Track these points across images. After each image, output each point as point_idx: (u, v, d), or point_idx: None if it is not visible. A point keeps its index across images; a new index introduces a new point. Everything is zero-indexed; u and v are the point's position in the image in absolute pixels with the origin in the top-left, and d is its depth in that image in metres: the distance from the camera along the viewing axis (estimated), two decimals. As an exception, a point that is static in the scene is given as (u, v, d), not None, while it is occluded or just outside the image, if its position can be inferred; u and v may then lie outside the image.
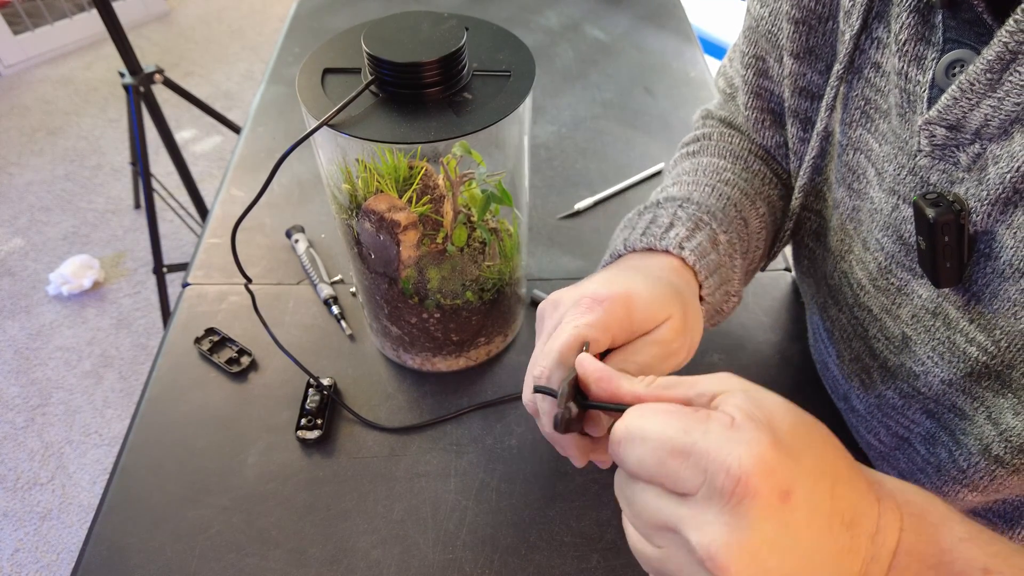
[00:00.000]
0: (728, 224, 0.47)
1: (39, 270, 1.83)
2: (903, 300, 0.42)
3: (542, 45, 1.02)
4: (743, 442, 0.23)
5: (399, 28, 0.43)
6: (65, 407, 1.54)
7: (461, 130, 0.41)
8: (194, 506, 0.52)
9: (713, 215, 0.46)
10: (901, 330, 0.43)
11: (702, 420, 0.24)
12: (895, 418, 0.47)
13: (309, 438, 0.55)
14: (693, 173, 0.51)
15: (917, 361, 0.42)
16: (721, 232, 0.45)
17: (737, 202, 0.49)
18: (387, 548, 0.50)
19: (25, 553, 1.32)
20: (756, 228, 0.50)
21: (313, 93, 0.43)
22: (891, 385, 0.46)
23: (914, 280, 0.41)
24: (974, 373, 0.38)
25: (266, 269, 0.70)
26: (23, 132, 2.24)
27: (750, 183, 0.51)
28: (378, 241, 0.49)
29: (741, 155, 0.54)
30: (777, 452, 0.23)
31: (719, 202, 0.48)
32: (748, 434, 0.23)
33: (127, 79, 1.35)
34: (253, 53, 2.59)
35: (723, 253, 0.45)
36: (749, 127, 0.54)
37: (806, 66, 0.45)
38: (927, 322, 0.40)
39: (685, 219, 0.45)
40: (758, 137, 0.54)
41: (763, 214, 0.51)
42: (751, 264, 0.52)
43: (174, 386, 0.60)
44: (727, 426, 0.24)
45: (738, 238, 0.47)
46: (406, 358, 0.60)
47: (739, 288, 0.48)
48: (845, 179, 0.45)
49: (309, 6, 1.10)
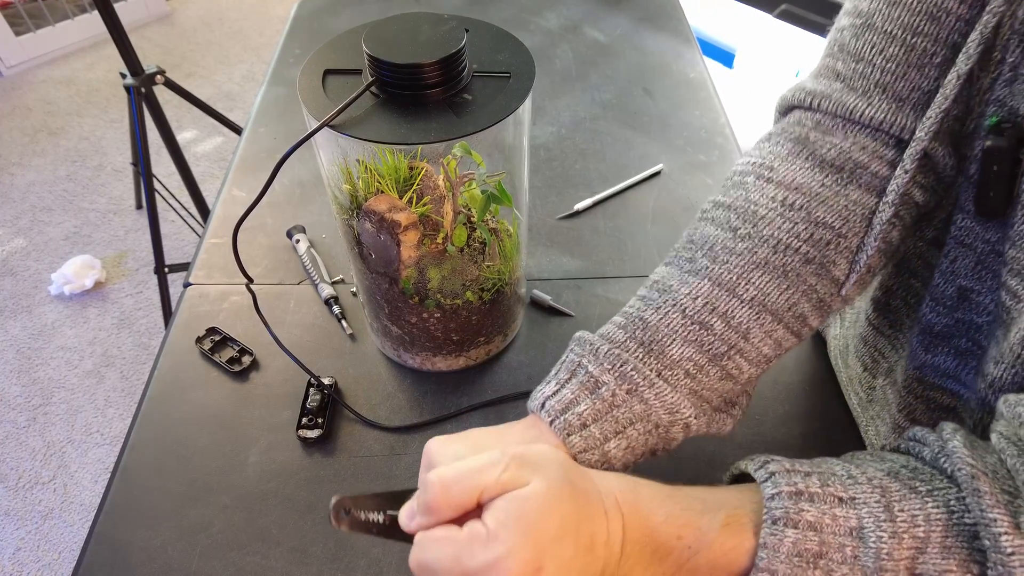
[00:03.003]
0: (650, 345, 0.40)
1: (41, 270, 1.83)
2: (962, 252, 0.41)
3: (542, 46, 1.02)
4: (496, 560, 0.29)
5: (399, 29, 0.43)
6: (67, 406, 1.55)
7: (461, 131, 0.41)
8: (195, 505, 0.52)
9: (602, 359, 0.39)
10: (956, 285, 0.42)
11: (465, 547, 0.31)
12: (945, 385, 0.46)
13: (310, 437, 0.56)
14: (650, 282, 0.43)
15: (981, 311, 0.41)
16: (608, 370, 0.39)
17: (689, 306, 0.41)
18: (387, 546, 0.50)
19: (27, 552, 1.32)
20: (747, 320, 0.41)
21: (314, 94, 0.43)
22: (942, 348, 0.45)
23: (978, 225, 0.39)
24: (998, 319, 0.38)
25: (267, 269, 0.70)
26: (25, 133, 2.24)
27: (745, 257, 0.41)
28: (379, 241, 0.49)
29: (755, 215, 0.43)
30: (523, 549, 0.30)
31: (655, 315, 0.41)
32: (499, 548, 0.30)
33: (128, 80, 1.35)
34: (254, 54, 2.59)
35: (607, 399, 0.39)
36: (909, 61, 0.41)
37: None
38: (995, 266, 0.39)
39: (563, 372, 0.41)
40: (917, 77, 0.41)
41: (756, 299, 0.41)
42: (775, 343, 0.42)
43: (175, 385, 0.60)
44: (483, 546, 0.30)
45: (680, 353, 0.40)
46: (406, 358, 0.60)
47: (677, 413, 0.39)
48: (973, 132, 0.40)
49: (310, 7, 1.10)
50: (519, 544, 0.30)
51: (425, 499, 0.33)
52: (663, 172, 0.81)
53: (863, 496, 0.32)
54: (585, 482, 0.34)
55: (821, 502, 0.32)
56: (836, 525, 0.31)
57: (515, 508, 0.31)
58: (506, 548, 0.30)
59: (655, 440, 0.40)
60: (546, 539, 0.30)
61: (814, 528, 0.31)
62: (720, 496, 0.35)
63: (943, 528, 0.30)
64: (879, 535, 0.30)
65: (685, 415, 0.39)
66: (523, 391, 0.59)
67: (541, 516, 0.31)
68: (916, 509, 0.31)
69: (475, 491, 0.32)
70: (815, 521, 0.31)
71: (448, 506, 0.32)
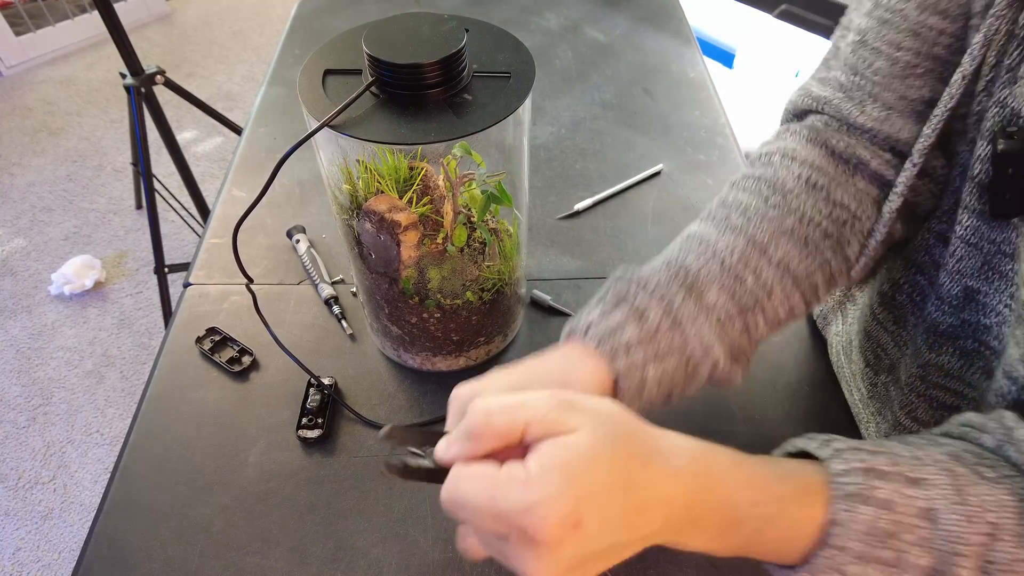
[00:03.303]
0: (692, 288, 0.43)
1: (41, 270, 1.83)
2: (968, 252, 0.41)
3: (542, 46, 1.02)
4: (533, 505, 0.28)
5: (400, 29, 0.43)
6: (67, 406, 1.55)
7: (461, 131, 0.41)
8: (195, 505, 0.52)
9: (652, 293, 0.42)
10: (962, 285, 0.42)
11: (502, 486, 0.29)
12: (948, 384, 0.46)
13: (310, 437, 0.56)
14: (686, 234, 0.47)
15: (989, 312, 0.41)
16: (656, 299, 0.42)
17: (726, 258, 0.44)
18: (387, 546, 0.50)
19: (27, 552, 1.32)
20: (766, 277, 0.44)
21: (314, 94, 0.43)
22: (948, 347, 0.45)
23: (985, 225, 0.39)
24: (1020, 318, 0.38)
25: (267, 269, 0.70)
26: (25, 133, 2.24)
27: (775, 224, 0.45)
28: (379, 241, 0.49)
29: (782, 188, 0.46)
30: (563, 499, 0.28)
31: (697, 261, 0.44)
32: (537, 492, 0.28)
33: (128, 80, 1.36)
34: (254, 54, 2.60)
35: (652, 328, 0.41)
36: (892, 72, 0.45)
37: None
38: (1004, 267, 0.39)
39: (610, 298, 0.43)
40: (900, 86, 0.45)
41: (778, 261, 0.44)
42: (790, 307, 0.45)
43: (175, 385, 0.60)
44: (521, 488, 0.28)
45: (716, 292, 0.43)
46: (406, 358, 0.60)
47: (709, 349, 0.42)
48: (968, 131, 0.41)
49: (310, 8, 1.10)
50: (559, 492, 0.28)
51: (466, 425, 0.31)
52: (663, 172, 0.81)
53: (932, 478, 0.31)
54: (645, 441, 0.31)
55: (892, 480, 0.31)
56: (908, 504, 0.31)
57: (561, 454, 0.29)
58: (545, 494, 0.28)
59: (682, 377, 0.42)
60: (590, 493, 0.28)
61: (887, 506, 0.31)
62: (789, 466, 0.34)
63: (1015, 515, 0.30)
64: (952, 517, 0.30)
65: (716, 354, 0.42)
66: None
67: (588, 468, 0.29)
68: (986, 494, 0.31)
69: (519, 424, 0.30)
70: (888, 499, 0.31)
71: (490, 434, 0.30)
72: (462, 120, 0.41)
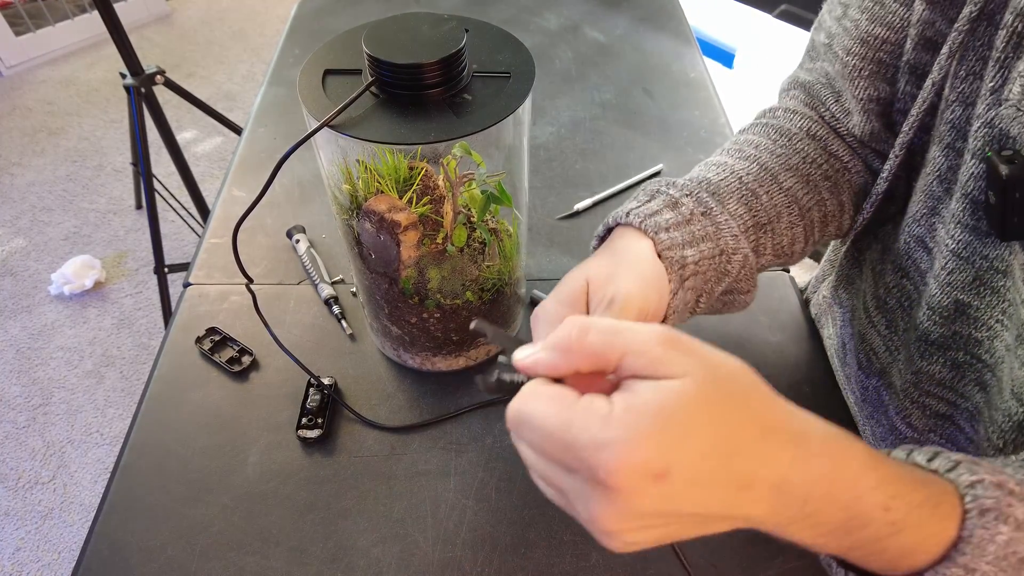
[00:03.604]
0: (715, 191, 0.46)
1: (41, 270, 1.83)
2: (959, 265, 0.41)
3: (542, 46, 1.02)
4: (611, 443, 0.24)
5: (399, 29, 0.43)
6: (67, 406, 1.55)
7: (461, 131, 0.41)
8: (195, 505, 0.52)
9: (686, 187, 0.46)
10: (953, 297, 0.42)
11: (580, 414, 0.25)
12: (938, 393, 0.46)
13: (310, 437, 0.56)
14: (704, 162, 0.52)
15: (980, 326, 0.41)
16: (686, 195, 0.45)
17: (744, 176, 0.47)
18: (387, 546, 0.50)
19: (26, 552, 1.32)
20: (777, 200, 0.48)
21: (314, 94, 0.43)
22: (939, 357, 0.45)
23: (977, 240, 0.39)
24: (1019, 338, 0.37)
25: (267, 269, 0.70)
26: (25, 133, 2.24)
27: (781, 158, 0.50)
28: (378, 241, 0.49)
29: (787, 133, 0.52)
30: (648, 443, 0.24)
31: (718, 176, 0.48)
32: (617, 432, 0.24)
33: (128, 80, 1.36)
34: (254, 54, 2.60)
35: (687, 214, 0.44)
36: (844, 73, 0.50)
37: (938, 13, 0.42)
38: (996, 283, 0.39)
39: (643, 195, 0.45)
40: (850, 87, 0.50)
41: (787, 188, 0.48)
42: (792, 236, 0.49)
43: (175, 385, 0.60)
44: (601, 422, 0.25)
45: (736, 200, 0.46)
46: (406, 358, 0.60)
47: (738, 246, 0.45)
48: (943, 138, 0.43)
49: (310, 7, 1.10)
50: (645, 436, 0.24)
51: (557, 336, 0.28)
52: (663, 172, 0.81)
53: None
54: (770, 409, 0.27)
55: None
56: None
57: (655, 399, 0.25)
58: (628, 435, 0.24)
59: (714, 270, 0.44)
60: (684, 446, 0.24)
61: (1022, 528, 0.27)
62: (922, 472, 0.30)
63: None
64: None
65: (745, 248, 0.45)
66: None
67: (687, 419, 0.25)
68: None
69: (616, 350, 0.26)
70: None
71: (580, 351, 0.27)
72: (462, 120, 0.41)
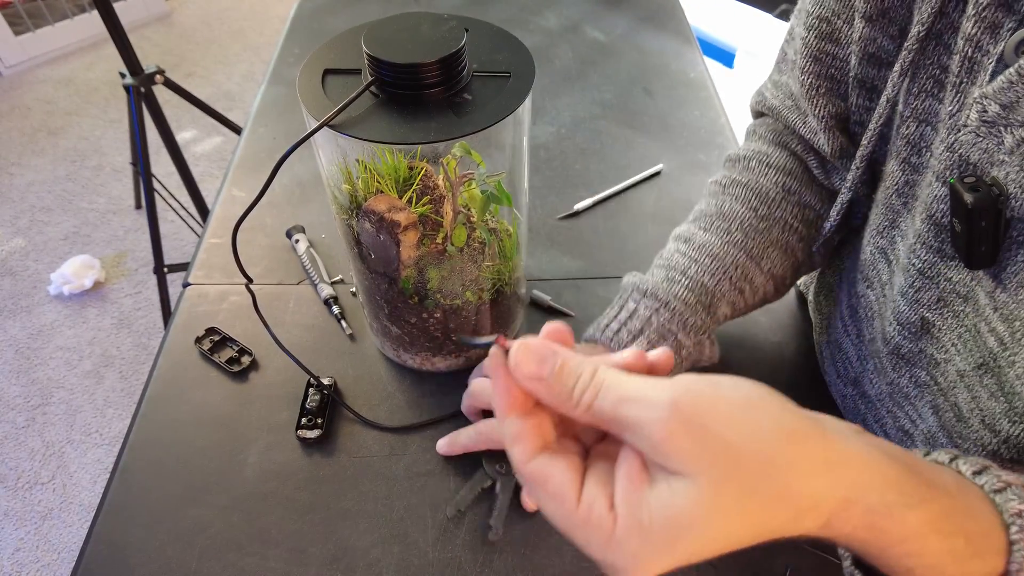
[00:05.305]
0: (710, 307, 0.51)
1: (40, 270, 1.83)
2: (925, 283, 0.41)
3: (542, 46, 1.02)
4: (619, 568, 0.24)
5: (399, 29, 0.43)
6: (66, 407, 1.55)
7: (461, 131, 0.41)
8: (194, 505, 0.52)
9: (683, 322, 0.50)
10: (920, 315, 0.42)
11: (581, 526, 0.24)
12: (905, 408, 0.47)
13: (309, 437, 0.55)
14: (697, 245, 0.53)
15: (940, 348, 0.41)
16: (687, 335, 0.50)
17: (733, 274, 0.51)
18: (387, 547, 0.50)
19: (26, 552, 1.32)
20: (760, 284, 0.53)
21: (313, 94, 0.43)
22: (907, 372, 0.45)
23: (942, 262, 0.39)
24: (983, 366, 0.37)
25: (267, 269, 0.70)
26: (24, 132, 2.24)
27: (763, 233, 0.52)
28: (378, 241, 0.49)
29: (764, 195, 0.53)
30: (657, 564, 0.23)
31: (711, 279, 0.51)
32: (624, 557, 0.23)
33: (128, 80, 1.35)
34: (254, 54, 2.59)
35: (684, 356, 0.50)
36: (801, 92, 0.51)
37: (878, 30, 0.43)
38: (957, 306, 0.39)
39: (653, 330, 0.49)
40: (810, 106, 0.51)
41: (767, 270, 0.53)
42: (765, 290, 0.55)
43: (175, 386, 0.60)
44: (606, 539, 0.23)
45: (725, 305, 0.52)
46: (406, 358, 0.60)
47: (704, 348, 0.52)
48: (900, 152, 0.43)
49: (310, 7, 1.10)
50: (655, 557, 0.23)
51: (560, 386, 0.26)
52: (663, 172, 0.81)
53: None
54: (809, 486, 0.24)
55: None
56: None
57: (665, 511, 0.23)
58: (634, 563, 0.23)
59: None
60: (700, 551, 0.23)
61: None
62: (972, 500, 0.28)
63: None
64: None
65: (710, 353, 0.53)
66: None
67: (704, 532, 0.23)
68: None
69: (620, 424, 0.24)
70: None
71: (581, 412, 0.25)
72: (462, 120, 0.41)
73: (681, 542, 0.23)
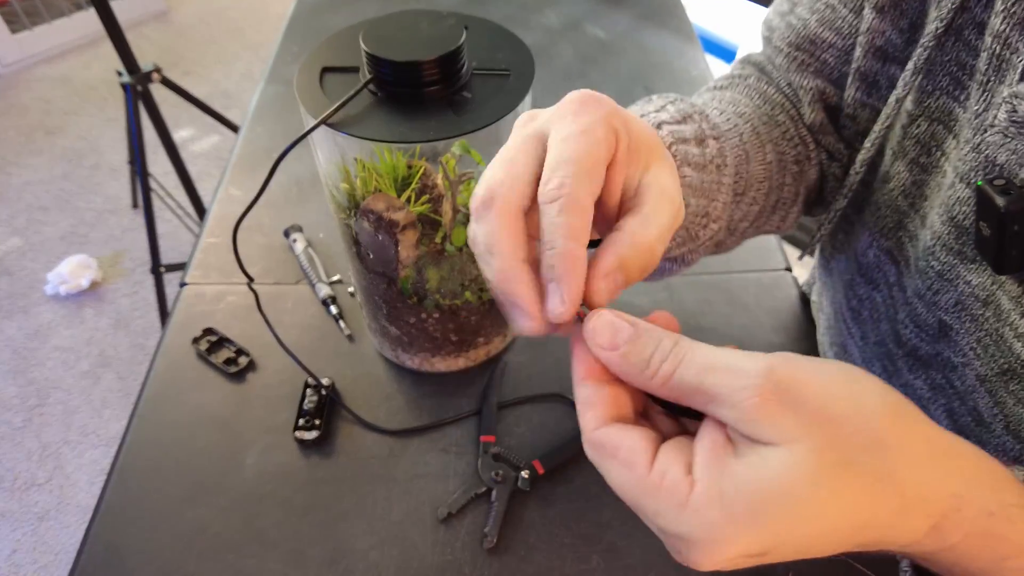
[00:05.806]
0: (725, 140, 0.44)
1: (37, 270, 1.82)
2: (943, 286, 0.40)
3: (542, 44, 1.01)
4: (694, 541, 0.21)
5: (398, 27, 0.43)
6: (63, 407, 1.54)
7: (460, 129, 0.40)
8: (192, 506, 0.52)
9: (712, 124, 0.43)
10: (937, 317, 0.41)
11: (650, 493, 0.22)
12: None
13: (307, 439, 0.55)
14: (710, 99, 0.49)
15: (958, 351, 0.40)
16: (712, 138, 0.42)
17: (744, 134, 0.46)
18: (386, 549, 0.50)
19: (23, 554, 1.32)
20: (757, 172, 0.46)
21: (312, 92, 0.43)
22: (921, 374, 0.45)
23: (962, 265, 0.38)
24: (1008, 372, 0.37)
25: (264, 269, 0.70)
26: (21, 131, 2.23)
27: (767, 127, 0.48)
28: (376, 241, 0.49)
29: (770, 100, 0.51)
30: (736, 542, 0.21)
31: (725, 123, 0.45)
32: (699, 529, 0.21)
33: (125, 78, 1.35)
34: (252, 52, 2.59)
35: (709, 158, 0.41)
36: (788, 66, 0.50)
37: (888, 23, 0.41)
38: (975, 311, 0.38)
39: (674, 111, 0.43)
40: (798, 77, 0.49)
41: (769, 161, 0.47)
42: (745, 213, 0.47)
43: (172, 386, 0.60)
44: (678, 509, 0.21)
45: (733, 160, 0.44)
46: (405, 358, 0.60)
47: (721, 215, 0.43)
48: (907, 152, 0.42)
49: (308, 5, 1.10)
50: (736, 533, 0.20)
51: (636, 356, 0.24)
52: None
53: None
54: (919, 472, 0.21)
55: None
56: None
57: (752, 480, 0.21)
58: (712, 534, 0.21)
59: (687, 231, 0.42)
60: (789, 534, 0.20)
61: None
62: None
63: None
64: None
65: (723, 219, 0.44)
66: (523, 395, 0.59)
67: (795, 506, 0.20)
68: None
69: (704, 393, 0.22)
70: None
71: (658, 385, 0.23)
72: (461, 118, 0.41)
73: (769, 515, 0.20)
